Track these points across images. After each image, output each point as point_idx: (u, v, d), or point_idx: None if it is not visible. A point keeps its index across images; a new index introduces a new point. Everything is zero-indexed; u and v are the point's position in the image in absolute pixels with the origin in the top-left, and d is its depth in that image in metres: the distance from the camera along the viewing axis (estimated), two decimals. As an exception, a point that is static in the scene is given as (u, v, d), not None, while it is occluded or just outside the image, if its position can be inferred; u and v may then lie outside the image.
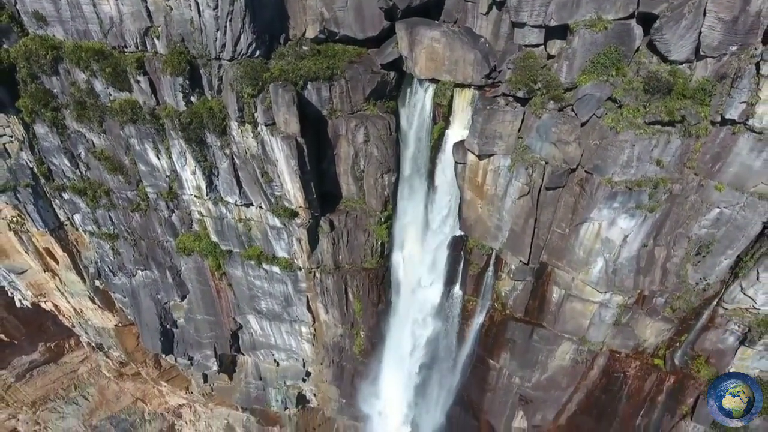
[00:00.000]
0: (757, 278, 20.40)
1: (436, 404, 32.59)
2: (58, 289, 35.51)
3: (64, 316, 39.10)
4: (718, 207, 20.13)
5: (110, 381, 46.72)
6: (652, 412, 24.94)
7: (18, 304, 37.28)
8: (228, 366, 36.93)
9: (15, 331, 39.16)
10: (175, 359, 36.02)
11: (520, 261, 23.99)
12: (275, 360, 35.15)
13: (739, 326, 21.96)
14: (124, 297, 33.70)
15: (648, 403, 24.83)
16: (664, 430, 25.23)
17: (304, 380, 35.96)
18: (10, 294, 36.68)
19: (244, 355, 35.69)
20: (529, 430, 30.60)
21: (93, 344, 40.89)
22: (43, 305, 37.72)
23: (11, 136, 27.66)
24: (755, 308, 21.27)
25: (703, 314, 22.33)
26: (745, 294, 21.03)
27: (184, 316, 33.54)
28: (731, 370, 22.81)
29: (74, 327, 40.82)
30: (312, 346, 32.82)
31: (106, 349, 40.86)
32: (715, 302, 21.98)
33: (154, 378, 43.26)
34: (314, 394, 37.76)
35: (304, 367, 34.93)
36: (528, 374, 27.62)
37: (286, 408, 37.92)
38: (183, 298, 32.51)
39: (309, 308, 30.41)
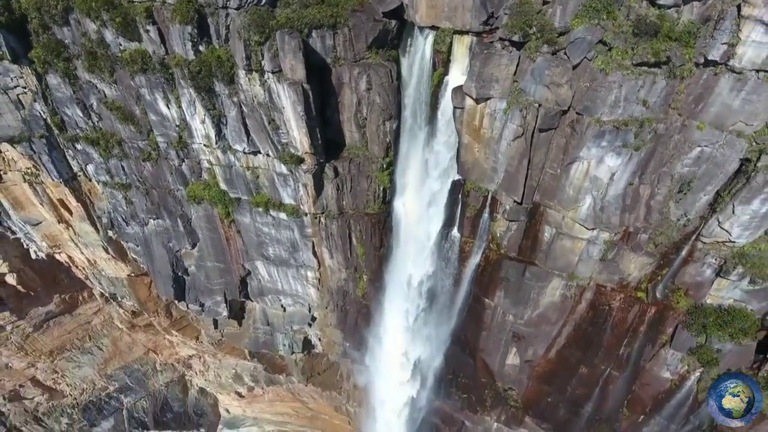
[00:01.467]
0: (733, 212, 21.98)
1: (435, 344, 34.73)
2: (72, 240, 37.04)
3: (77, 267, 40.78)
4: (699, 146, 21.50)
5: (122, 332, 48.87)
6: (634, 341, 26.95)
7: (33, 256, 38.86)
8: (237, 312, 38.88)
9: (31, 283, 40.84)
10: (187, 306, 37.88)
11: (514, 201, 25.49)
12: (282, 305, 37.07)
13: (715, 259, 23.67)
14: (137, 246, 35.24)
15: (631, 334, 26.81)
16: (646, 358, 27.30)
17: (309, 325, 38.01)
18: (25, 246, 38.19)
19: (252, 301, 37.57)
20: (521, 366, 32.82)
21: (106, 295, 42.72)
22: (57, 257, 39.33)
23: (25, 87, 28.63)
24: (731, 241, 22.93)
25: (683, 249, 24.01)
26: (721, 227, 22.64)
27: (195, 264, 35.20)
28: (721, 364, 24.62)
29: (87, 279, 42.58)
30: (317, 290, 34.66)
31: (119, 299, 42.72)
32: (694, 237, 23.62)
33: (166, 327, 45.34)
34: (319, 339, 39.90)
35: (309, 311, 36.90)
36: (521, 311, 29.54)
37: (292, 352, 40.10)
38: (194, 245, 34.07)
39: (314, 253, 32.07)
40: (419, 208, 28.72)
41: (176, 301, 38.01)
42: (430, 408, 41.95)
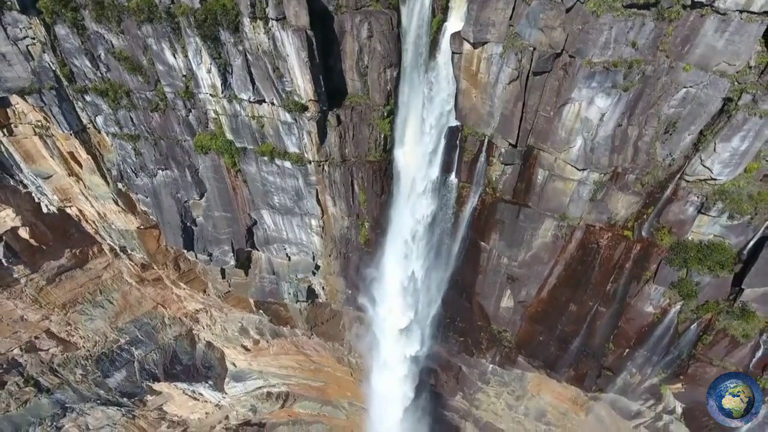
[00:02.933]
0: (714, 150, 23.36)
1: (434, 289, 36.56)
2: (83, 194, 38.26)
3: (87, 221, 42.13)
4: (685, 87, 22.68)
5: (132, 287, 50.62)
6: (620, 278, 28.71)
7: (45, 210, 40.11)
8: (244, 262, 40.49)
9: (43, 237, 42.19)
10: (196, 255, 39.44)
11: (510, 144, 26.76)
12: (287, 254, 38.67)
13: (698, 197, 25.15)
14: (146, 197, 36.50)
15: (617, 270, 28.55)
16: (631, 294, 29.14)
17: (313, 273, 39.71)
18: (37, 200, 39.39)
19: (258, 250, 39.14)
20: (515, 307, 34.76)
21: (116, 249, 44.23)
22: (68, 210, 40.62)
23: (33, 38, 29.29)
24: (712, 179, 24.38)
25: (668, 188, 25.45)
26: (704, 165, 24.06)
27: (202, 214, 36.57)
28: (691, 237, 26.27)
29: (97, 233, 44.01)
30: (321, 238, 36.21)
31: (129, 252, 44.25)
32: (678, 176, 25.05)
33: (174, 280, 47.07)
34: (323, 288, 41.71)
35: (313, 260, 38.54)
36: (515, 253, 31.20)
37: (297, 301, 41.94)
38: (201, 196, 35.35)
39: (318, 201, 33.43)
40: (419, 154, 29.92)
41: (185, 251, 39.52)
42: (429, 353, 44.30)
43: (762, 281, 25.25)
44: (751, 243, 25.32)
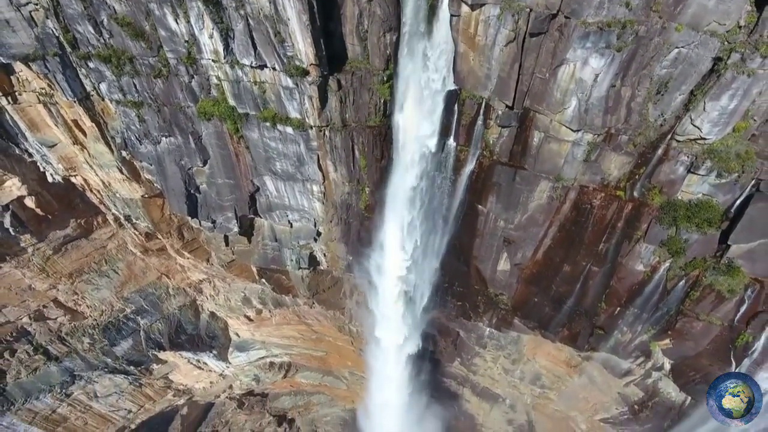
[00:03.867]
0: (704, 109, 24.14)
1: (432, 254, 37.59)
2: (87, 162, 38.85)
3: (92, 190, 42.81)
4: (676, 47, 23.34)
5: (136, 257, 51.60)
6: (612, 237, 29.74)
7: (50, 179, 40.72)
8: (247, 229, 41.39)
9: (49, 206, 42.85)
10: (200, 223, 40.29)
11: (506, 106, 27.46)
12: (289, 221, 39.56)
13: (687, 156, 26.02)
14: (151, 165, 37.15)
15: (610, 230, 29.56)
16: (623, 253, 30.22)
17: (315, 240, 40.69)
18: (42, 169, 39.97)
19: (261, 217, 40.01)
20: (511, 270, 35.87)
21: (120, 219, 45.03)
22: (73, 180, 41.26)
23: (36, 4, 29.54)
24: (702, 138, 25.22)
25: (659, 148, 26.28)
26: (693, 125, 24.87)
27: (206, 181, 37.30)
28: (680, 198, 27.22)
29: (102, 203, 44.73)
30: (322, 204, 37.06)
31: (133, 221, 45.07)
32: (669, 136, 25.87)
33: (178, 249, 48.02)
34: (324, 254, 42.74)
35: (315, 226, 39.47)
36: (511, 216, 32.16)
37: (299, 268, 43.01)
38: (205, 163, 36.03)
39: (319, 167, 34.17)
40: (417, 119, 30.55)
41: (189, 218, 40.34)
42: (428, 319, 45.63)
43: (747, 237, 26.30)
44: (738, 201, 26.30)
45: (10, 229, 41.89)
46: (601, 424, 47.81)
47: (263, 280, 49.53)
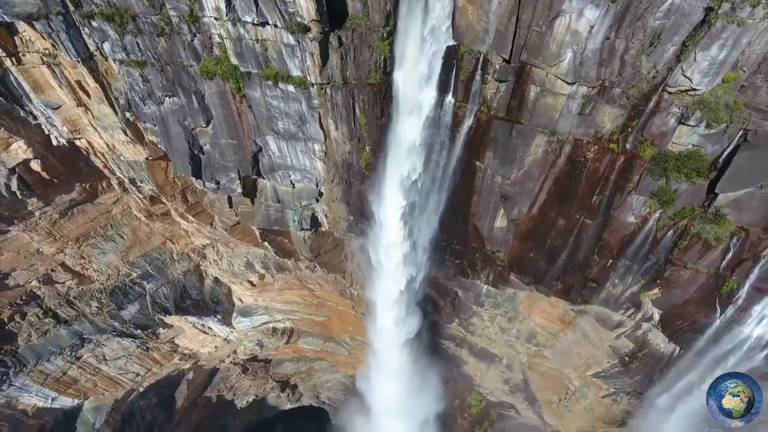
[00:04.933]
0: (695, 59, 24.89)
1: (432, 212, 38.64)
2: (91, 125, 39.46)
3: (96, 154, 43.52)
4: (670, -2, 23.97)
5: (141, 222, 52.61)
6: (605, 189, 30.78)
7: (55, 143, 41.36)
8: (250, 191, 42.30)
9: (54, 170, 43.53)
10: (204, 184, 41.16)
11: (503, 60, 28.14)
12: (291, 182, 40.47)
13: (678, 108, 26.86)
14: (154, 126, 37.79)
15: (602, 182, 30.57)
16: (615, 205, 31.33)
17: (317, 200, 41.67)
18: (46, 132, 40.56)
19: (264, 178, 40.89)
20: (508, 227, 37.04)
21: (126, 180, 45.82)
22: (77, 143, 41.90)
23: (39, -40, 29.80)
24: (693, 89, 26.02)
25: (652, 100, 27.09)
26: (684, 76, 25.64)
27: (209, 142, 38.03)
28: (671, 149, 28.15)
29: (106, 167, 45.49)
30: (324, 164, 37.93)
31: (138, 184, 45.91)
32: (661, 88, 26.65)
33: (182, 213, 48.99)
34: (326, 215, 43.78)
35: (317, 186, 40.40)
36: (508, 171, 33.13)
37: (302, 229, 44.11)
38: (208, 123, 36.70)
39: (321, 125, 34.90)
40: (417, 76, 31.16)
41: (193, 179, 41.19)
42: (427, 278, 47.02)
43: (734, 186, 27.38)
44: (727, 151, 27.31)
45: (17, 193, 42.67)
46: (594, 379, 49.78)
47: (266, 243, 50.70)
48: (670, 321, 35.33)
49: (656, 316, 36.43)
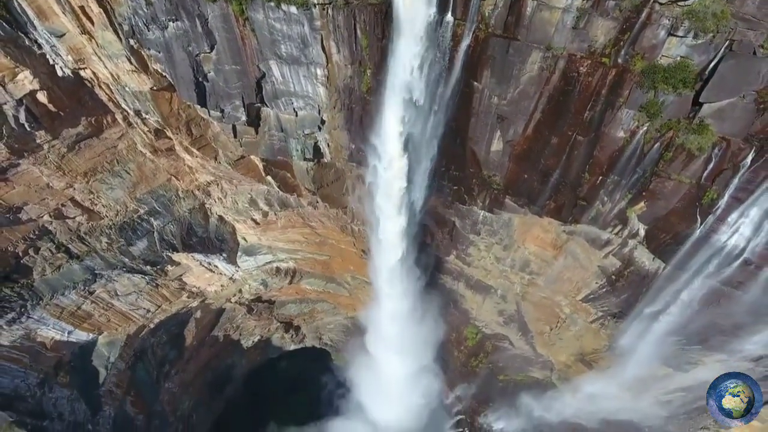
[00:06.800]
0: (685, -34, 25.84)
1: (431, 135, 40.00)
2: (96, 54, 40.14)
3: (101, 85, 44.31)
4: None
5: (146, 158, 53.92)
6: (597, 104, 32.17)
7: (60, 73, 42.09)
8: (254, 120, 43.50)
9: (60, 102, 44.33)
10: (209, 112, 42.27)
11: (501, -27, 28.94)
12: (294, 109, 41.64)
13: (669, 20, 27.91)
14: (159, 52, 38.52)
15: (594, 97, 31.91)
16: (606, 122, 32.80)
17: (319, 128, 42.97)
18: (51, 62, 41.23)
19: (267, 107, 42.01)
20: (504, 149, 38.61)
21: (131, 112, 46.80)
22: (82, 73, 42.64)
23: None
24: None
25: (643, 11, 28.14)
26: (675, -16, 26.63)
27: (213, 69, 38.90)
28: (661, 59, 29.35)
29: (110, 100, 46.37)
30: (326, 89, 38.99)
31: (143, 115, 46.93)
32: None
33: (186, 146, 50.26)
34: (328, 145, 45.19)
35: (319, 113, 41.61)
36: (504, 90, 34.38)
37: (304, 158, 45.60)
38: (211, 48, 37.47)
39: (323, 48, 35.79)
40: (417, -6, 31.87)
41: (198, 107, 42.25)
42: (425, 207, 48.92)
43: (717, 95, 28.78)
44: (713, 63, 28.58)
45: (26, 125, 43.70)
46: (583, 304, 52.65)
47: (269, 177, 52.26)
48: (654, 235, 37.49)
49: (642, 232, 38.56)
